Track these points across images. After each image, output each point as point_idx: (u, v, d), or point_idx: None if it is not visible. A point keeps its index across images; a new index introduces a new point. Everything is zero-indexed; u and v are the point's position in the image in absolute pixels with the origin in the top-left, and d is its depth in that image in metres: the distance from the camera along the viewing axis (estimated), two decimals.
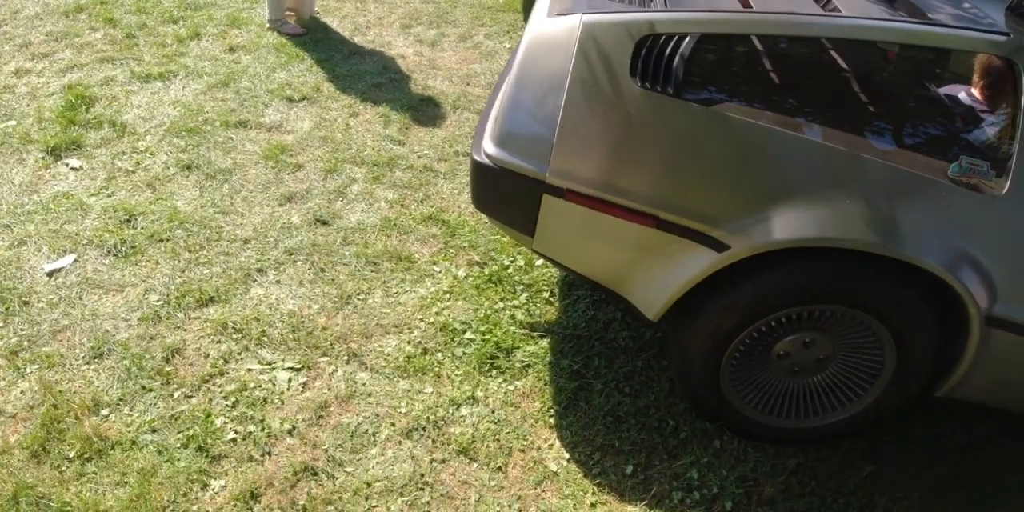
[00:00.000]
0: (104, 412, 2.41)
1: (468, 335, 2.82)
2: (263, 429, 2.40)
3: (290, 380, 2.57)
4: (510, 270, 3.16)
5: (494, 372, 2.70)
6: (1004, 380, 2.33)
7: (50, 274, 2.89)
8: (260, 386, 2.54)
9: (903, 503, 2.41)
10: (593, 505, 2.33)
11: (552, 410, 2.60)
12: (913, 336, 2.26)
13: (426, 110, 4.26)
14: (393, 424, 2.48)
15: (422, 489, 2.30)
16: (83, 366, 2.56)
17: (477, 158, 2.30)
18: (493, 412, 2.56)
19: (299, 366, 2.62)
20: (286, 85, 4.27)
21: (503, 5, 5.79)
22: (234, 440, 2.37)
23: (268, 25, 4.87)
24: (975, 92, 2.50)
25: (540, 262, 3.21)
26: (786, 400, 2.50)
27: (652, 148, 2.16)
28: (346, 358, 2.68)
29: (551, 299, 3.05)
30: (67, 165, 3.50)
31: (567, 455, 2.46)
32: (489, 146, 2.27)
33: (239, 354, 2.65)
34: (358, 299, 2.93)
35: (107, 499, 2.16)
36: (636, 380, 2.74)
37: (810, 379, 2.45)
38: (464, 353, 2.75)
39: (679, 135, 2.14)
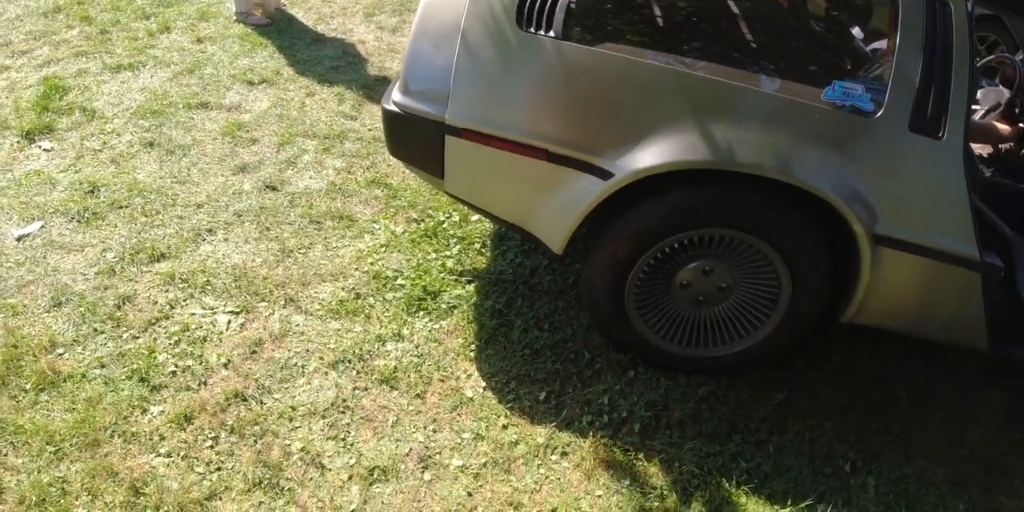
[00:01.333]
0: (59, 351, 2.67)
1: (399, 281, 3.05)
2: (201, 363, 2.65)
3: (229, 322, 2.82)
4: (445, 225, 3.39)
5: (421, 313, 2.93)
6: (900, 300, 2.46)
7: (19, 239, 3.16)
8: (201, 327, 2.79)
9: (816, 431, 2.57)
10: (504, 427, 2.55)
11: (473, 345, 2.82)
12: (804, 261, 2.41)
13: (380, 89, 4.49)
14: (321, 358, 2.71)
15: (343, 412, 2.54)
16: (43, 314, 2.82)
17: (386, 106, 2.53)
18: (417, 347, 2.79)
19: (238, 310, 2.87)
20: (248, 70, 4.53)
21: None
22: (174, 373, 2.62)
23: (235, 17, 5.13)
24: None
25: (476, 218, 3.42)
26: (694, 330, 2.66)
27: (537, 86, 2.37)
28: (283, 303, 2.92)
29: (483, 250, 3.27)
30: (40, 147, 3.78)
31: (484, 384, 2.68)
32: (396, 94, 2.50)
33: (184, 301, 2.90)
34: (299, 253, 3.17)
35: (56, 422, 2.41)
36: (556, 318, 2.95)
37: (714, 309, 2.61)
38: (394, 297, 2.98)
39: (561, 73, 2.34)
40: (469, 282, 3.09)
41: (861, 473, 2.46)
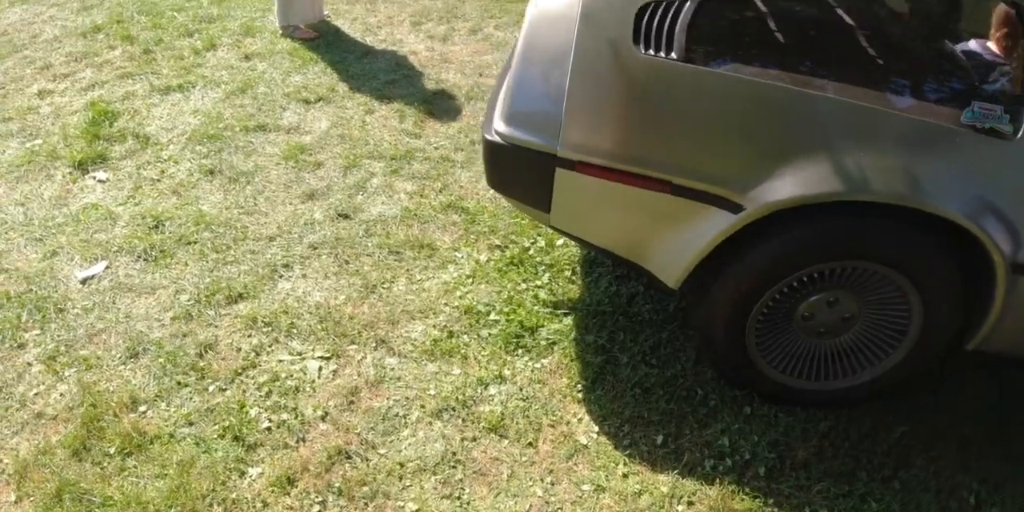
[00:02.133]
0: (142, 408, 2.48)
1: (492, 316, 2.85)
2: (296, 416, 2.45)
3: (320, 368, 2.62)
4: (531, 252, 3.18)
5: (520, 351, 2.72)
6: None
7: (83, 281, 2.97)
8: (292, 376, 2.59)
9: (939, 462, 2.38)
10: (625, 476, 2.34)
11: (579, 385, 2.61)
12: (938, 288, 2.23)
13: (440, 103, 4.29)
14: (423, 406, 2.51)
15: (454, 467, 2.33)
16: (119, 366, 2.63)
17: (488, 137, 2.33)
18: (521, 390, 2.58)
19: (328, 355, 2.67)
20: (302, 88, 4.33)
21: None
22: (269, 429, 2.42)
23: (281, 32, 4.94)
24: (991, 45, 2.46)
25: (561, 242, 3.22)
26: (814, 362, 2.48)
27: (659, 114, 2.16)
28: (374, 345, 2.72)
29: (573, 278, 3.06)
30: (94, 178, 3.60)
31: (596, 428, 2.48)
32: (499, 124, 2.30)
33: (270, 346, 2.70)
34: (383, 288, 2.97)
35: (148, 491, 2.22)
36: (662, 352, 2.74)
37: (837, 339, 2.43)
38: (489, 334, 2.78)
39: (685, 99, 2.14)
40: (566, 315, 2.88)
41: (986, 505, 2.28)
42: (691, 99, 2.14)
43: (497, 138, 2.31)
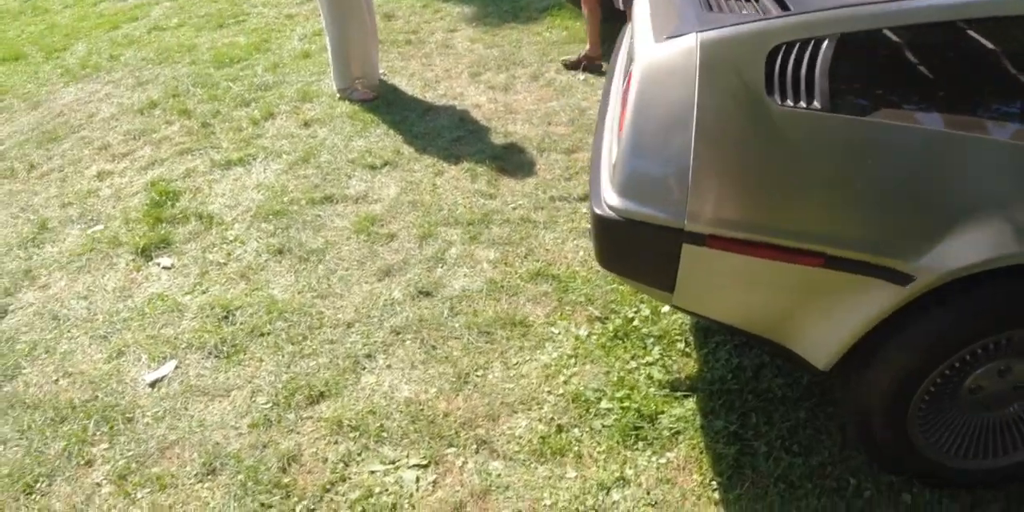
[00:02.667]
0: None
1: (604, 404, 2.51)
2: None
3: (418, 479, 2.31)
4: (635, 322, 2.85)
5: (640, 444, 2.37)
6: None
7: (152, 384, 2.73)
8: (387, 490, 2.28)
9: None
10: None
11: (714, 482, 2.26)
12: None
13: (512, 157, 4.03)
14: None
15: None
16: (195, 485, 2.35)
17: (599, 211, 2.00)
18: (648, 493, 2.23)
19: (425, 462, 2.36)
20: (366, 152, 4.11)
21: (568, 37, 5.57)
22: None
23: (338, 95, 4.76)
24: None
25: (667, 308, 2.88)
26: (980, 437, 2.12)
27: (807, 174, 1.81)
28: (475, 447, 2.40)
29: (687, 350, 2.72)
30: (158, 265, 3.39)
31: None
32: (612, 197, 1.97)
33: (359, 455, 2.40)
34: (476, 376, 2.66)
35: None
36: (802, 435, 2.37)
37: (1006, 410, 2.08)
38: (603, 426, 2.44)
39: (838, 154, 1.78)
40: (686, 396, 2.53)
41: None
42: (844, 155, 1.78)
43: (610, 213, 1.99)
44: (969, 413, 2.07)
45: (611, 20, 6.05)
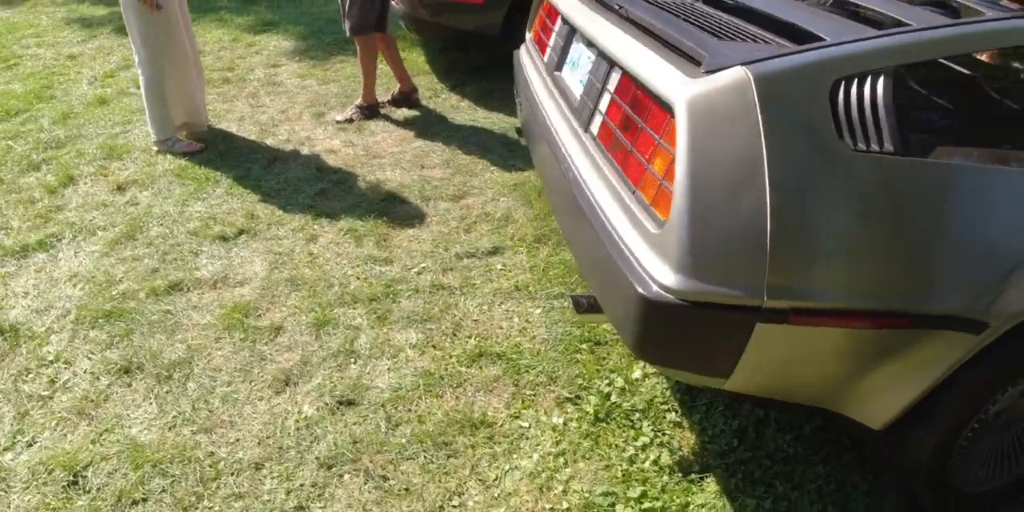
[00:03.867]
0: None
1: (620, 510, 1.96)
2: None
3: None
4: (613, 397, 2.37)
5: None
6: None
7: None
8: None
9: None
10: None
11: None
12: None
13: (394, 211, 3.38)
14: None
15: None
16: None
17: (648, 295, 1.52)
18: None
19: None
20: (209, 219, 3.29)
21: (409, 69, 5.02)
22: None
23: (156, 148, 3.88)
24: None
25: (639, 374, 2.41)
26: (1004, 458, 1.99)
27: (889, 227, 1.54)
28: None
29: (680, 420, 2.29)
30: None
31: None
32: (668, 276, 1.52)
33: None
34: (452, 507, 2.00)
35: None
36: (827, 490, 2.09)
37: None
38: None
39: (917, 202, 1.54)
40: (702, 478, 2.09)
41: None
42: (924, 204, 1.54)
43: (668, 296, 1.50)
44: (996, 436, 1.91)
45: (450, 50, 5.55)
